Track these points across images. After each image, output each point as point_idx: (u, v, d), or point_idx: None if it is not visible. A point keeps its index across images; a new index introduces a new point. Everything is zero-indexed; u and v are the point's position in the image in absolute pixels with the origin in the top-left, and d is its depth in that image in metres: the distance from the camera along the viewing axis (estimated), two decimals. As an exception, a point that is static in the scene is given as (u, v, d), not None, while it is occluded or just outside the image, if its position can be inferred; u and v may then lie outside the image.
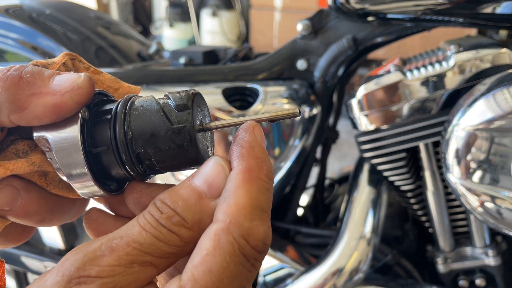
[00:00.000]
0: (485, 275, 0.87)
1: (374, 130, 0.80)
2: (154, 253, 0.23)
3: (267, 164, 0.25)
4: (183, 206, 0.24)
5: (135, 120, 0.27)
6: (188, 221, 0.24)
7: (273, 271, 0.86)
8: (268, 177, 0.25)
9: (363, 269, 0.79)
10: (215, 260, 0.22)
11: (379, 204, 0.84)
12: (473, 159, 0.64)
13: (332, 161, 1.10)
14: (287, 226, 0.98)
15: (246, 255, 0.23)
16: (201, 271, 0.22)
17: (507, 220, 0.65)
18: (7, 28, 1.01)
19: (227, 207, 0.23)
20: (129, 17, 4.15)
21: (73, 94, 0.26)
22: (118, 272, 0.22)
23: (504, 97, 0.62)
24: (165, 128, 0.26)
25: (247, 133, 0.26)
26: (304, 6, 3.11)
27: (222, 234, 0.22)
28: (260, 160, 0.25)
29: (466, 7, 0.70)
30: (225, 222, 0.23)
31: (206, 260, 0.22)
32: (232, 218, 0.23)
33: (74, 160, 0.27)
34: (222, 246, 0.22)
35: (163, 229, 0.24)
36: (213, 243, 0.22)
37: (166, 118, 0.26)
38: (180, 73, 0.87)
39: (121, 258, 0.22)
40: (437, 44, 0.88)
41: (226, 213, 0.23)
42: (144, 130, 0.26)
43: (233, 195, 0.24)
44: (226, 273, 0.22)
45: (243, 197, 0.23)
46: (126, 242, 0.23)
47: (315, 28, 0.84)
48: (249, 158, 0.25)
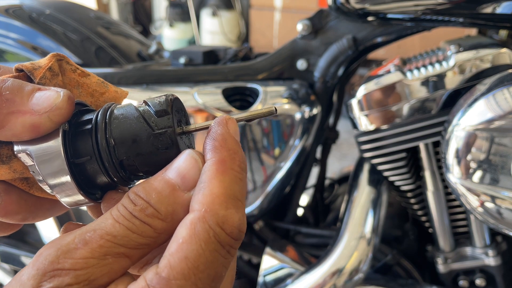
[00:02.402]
0: (485, 275, 0.87)
1: (374, 130, 0.80)
2: (128, 244, 0.24)
3: (239, 155, 0.26)
4: (156, 198, 0.25)
5: (116, 128, 0.27)
6: (162, 212, 0.25)
7: (273, 271, 0.86)
8: (241, 168, 0.26)
9: (363, 269, 0.79)
10: (191, 248, 0.23)
11: (379, 204, 0.84)
12: (473, 159, 0.64)
13: (332, 161, 1.10)
14: (287, 226, 0.98)
15: (221, 242, 0.23)
16: (177, 258, 0.23)
17: (507, 220, 0.65)
18: (7, 28, 1.01)
19: (202, 197, 0.24)
20: (129, 17, 4.15)
21: (52, 114, 0.26)
22: (92, 264, 0.23)
23: (504, 97, 0.62)
24: (147, 134, 0.27)
25: (220, 126, 0.27)
26: (304, 6, 3.11)
27: (198, 223, 0.23)
28: (232, 152, 0.26)
29: (466, 7, 0.70)
30: (201, 211, 0.23)
31: (182, 248, 0.23)
32: (207, 207, 0.24)
33: (57, 171, 0.27)
34: (197, 234, 0.23)
35: (137, 221, 0.24)
36: (189, 231, 0.23)
37: (147, 125, 0.27)
38: (180, 73, 0.87)
39: (94, 250, 0.23)
40: (437, 44, 0.88)
41: (201, 202, 0.24)
42: (126, 137, 0.27)
43: (207, 185, 0.24)
44: (201, 259, 0.23)
45: (217, 186, 0.24)
46: (99, 235, 0.24)
47: (315, 28, 0.84)
48: (222, 150, 0.26)
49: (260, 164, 0.83)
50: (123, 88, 0.84)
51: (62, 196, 0.28)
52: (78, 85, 0.31)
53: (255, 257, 0.96)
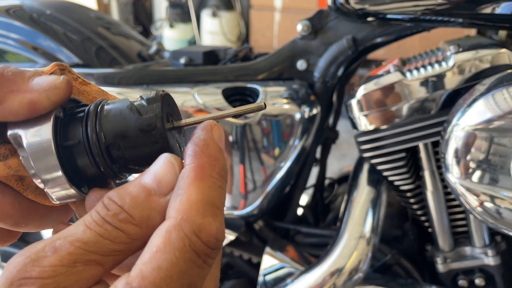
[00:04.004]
0: (484, 274, 0.87)
1: (373, 130, 0.80)
2: (99, 251, 0.23)
3: (220, 162, 0.25)
4: (130, 203, 0.24)
5: (107, 116, 0.27)
6: (136, 217, 0.24)
7: (273, 271, 0.86)
8: (220, 175, 0.25)
9: (363, 268, 0.79)
10: (165, 257, 0.22)
11: (379, 204, 0.84)
12: (473, 159, 0.64)
13: (331, 161, 1.10)
14: (287, 226, 0.98)
15: (197, 251, 0.23)
16: (150, 268, 0.22)
17: (506, 220, 0.66)
18: (7, 29, 1.01)
19: (179, 204, 0.23)
20: (130, 17, 4.15)
21: (50, 93, 0.26)
22: (60, 272, 0.22)
23: (504, 97, 0.62)
24: (134, 119, 0.27)
25: (204, 131, 0.26)
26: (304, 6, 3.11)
27: (173, 231, 0.22)
28: (213, 158, 0.25)
29: (465, 8, 0.70)
30: (177, 219, 0.23)
31: (155, 257, 0.22)
32: (184, 215, 0.23)
33: (45, 154, 0.27)
34: (172, 243, 0.22)
35: (109, 227, 0.23)
36: (163, 239, 0.22)
37: (136, 111, 0.27)
38: (180, 73, 0.87)
39: (63, 258, 0.22)
40: (436, 44, 0.88)
41: (177, 210, 0.23)
42: (114, 123, 0.27)
43: (184, 192, 0.24)
44: (175, 269, 0.22)
45: (194, 193, 0.23)
46: (69, 242, 0.23)
47: (315, 29, 0.85)
48: (202, 156, 0.25)
49: (260, 164, 0.84)
50: (123, 88, 0.85)
51: (49, 186, 0.28)
52: (79, 93, 0.32)
53: (255, 256, 0.97)
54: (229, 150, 0.82)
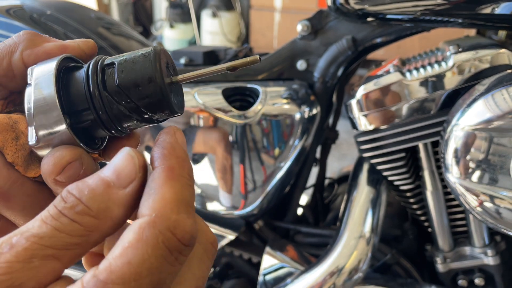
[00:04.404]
0: (484, 274, 0.87)
1: (373, 130, 0.80)
2: (55, 245, 0.23)
3: (188, 164, 0.26)
4: (89, 195, 0.24)
5: (110, 59, 0.29)
6: (93, 209, 0.24)
7: (273, 271, 0.87)
8: (190, 175, 0.26)
9: (363, 268, 0.79)
10: (136, 253, 0.22)
11: (379, 204, 0.84)
12: (472, 159, 0.64)
13: (331, 161, 1.10)
14: (287, 226, 0.98)
15: (170, 248, 0.22)
16: (120, 262, 0.22)
17: (506, 220, 0.66)
18: (7, 29, 1.01)
19: (152, 202, 0.23)
20: (130, 17, 4.15)
21: (80, 43, 0.31)
22: (16, 269, 0.22)
23: (503, 97, 0.62)
24: (132, 56, 0.28)
25: (168, 135, 0.27)
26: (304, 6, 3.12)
27: (147, 228, 0.22)
28: (181, 160, 0.26)
29: (465, 8, 0.70)
30: (151, 216, 0.23)
31: (127, 252, 0.22)
32: (158, 212, 0.23)
33: (48, 89, 0.27)
34: (145, 239, 0.22)
35: (65, 219, 0.23)
36: (136, 236, 0.22)
37: (133, 54, 0.28)
38: (180, 74, 0.87)
39: (19, 254, 0.22)
40: (436, 44, 0.88)
41: (151, 207, 0.23)
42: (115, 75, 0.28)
43: (157, 191, 0.24)
44: (146, 265, 0.22)
45: (168, 192, 0.24)
46: (26, 237, 0.22)
47: (315, 29, 0.85)
48: (171, 158, 0.25)
49: (260, 164, 0.84)
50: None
51: (43, 131, 0.27)
52: None
53: (255, 256, 0.97)
54: (229, 150, 0.82)
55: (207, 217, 0.92)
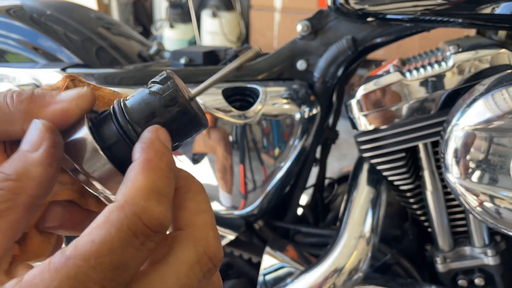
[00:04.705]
0: (484, 274, 0.87)
1: (373, 130, 0.80)
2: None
3: (167, 156, 0.27)
4: (7, 165, 0.26)
5: (132, 107, 0.29)
6: (12, 173, 0.26)
7: (273, 271, 0.87)
8: (168, 167, 0.26)
9: (363, 268, 0.79)
10: (100, 232, 0.23)
11: (379, 204, 0.84)
12: (472, 159, 0.64)
13: (331, 161, 1.10)
14: (287, 226, 0.98)
15: (136, 232, 0.23)
16: (84, 240, 0.23)
17: (506, 220, 0.66)
18: (8, 29, 1.01)
19: (124, 189, 0.25)
20: (130, 17, 4.15)
21: (79, 101, 0.29)
22: None
23: (503, 97, 0.62)
24: (157, 100, 0.29)
25: (149, 132, 0.28)
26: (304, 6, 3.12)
27: (115, 211, 0.23)
28: (160, 153, 0.27)
29: (465, 8, 0.70)
30: (120, 202, 0.24)
31: (92, 232, 0.23)
32: (128, 198, 0.24)
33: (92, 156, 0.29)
34: (111, 221, 0.23)
35: None
36: (103, 218, 0.23)
37: (156, 93, 0.29)
38: (180, 74, 0.87)
39: None
40: (436, 44, 0.89)
41: (122, 194, 0.24)
42: (142, 111, 0.29)
43: (131, 179, 0.25)
44: (106, 245, 0.22)
45: (140, 180, 0.25)
46: None
47: (315, 29, 0.85)
48: (149, 151, 0.26)
49: (260, 164, 0.84)
50: (124, 88, 0.85)
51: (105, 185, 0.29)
52: None
53: (255, 256, 0.97)
54: (229, 150, 0.82)
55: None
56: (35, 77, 0.89)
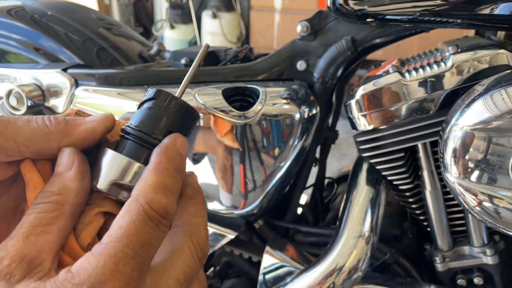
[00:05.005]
0: (483, 273, 0.87)
1: (372, 130, 0.80)
2: (42, 223, 0.31)
3: (177, 161, 0.34)
4: (49, 186, 0.33)
5: (139, 122, 0.35)
6: (55, 190, 0.32)
7: (272, 270, 0.87)
8: (175, 170, 0.33)
9: (362, 267, 0.80)
10: (124, 219, 0.29)
11: (378, 203, 0.85)
12: (471, 159, 0.64)
13: (331, 161, 1.11)
14: (287, 225, 0.98)
15: (149, 216, 0.30)
16: (114, 228, 0.29)
17: (504, 219, 0.66)
18: (9, 29, 1.02)
19: (137, 186, 0.32)
20: (130, 18, 4.15)
21: (104, 120, 0.36)
22: (19, 246, 0.29)
23: (502, 97, 0.62)
24: (160, 108, 0.36)
25: (167, 139, 0.34)
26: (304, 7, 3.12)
27: (132, 202, 0.30)
28: (170, 158, 0.33)
29: (464, 8, 0.71)
30: (134, 196, 0.31)
31: (118, 221, 0.30)
32: (140, 192, 0.31)
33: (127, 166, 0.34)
34: (131, 210, 0.30)
35: (41, 204, 0.32)
36: (125, 209, 0.30)
37: (155, 104, 0.36)
38: (181, 74, 0.88)
39: (18, 236, 0.30)
40: (435, 45, 0.89)
41: (136, 189, 0.31)
42: (150, 121, 0.35)
43: (143, 178, 0.32)
44: (131, 226, 0.29)
45: (150, 178, 0.32)
46: (20, 226, 0.30)
47: (315, 29, 0.85)
48: (161, 155, 0.33)
49: (260, 164, 0.84)
50: (124, 88, 0.85)
51: None
52: None
53: (255, 255, 0.97)
54: (229, 150, 0.82)
55: (207, 217, 0.92)
56: (36, 78, 0.90)
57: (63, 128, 0.35)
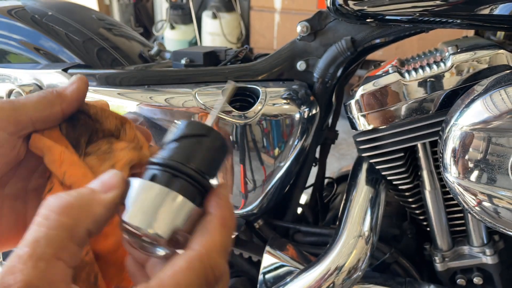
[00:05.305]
0: (482, 273, 0.88)
1: (372, 130, 0.81)
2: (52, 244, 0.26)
3: (234, 216, 0.32)
4: (73, 195, 0.29)
5: (172, 155, 0.32)
6: (76, 203, 0.29)
7: (272, 269, 0.87)
8: (233, 227, 0.32)
9: (362, 267, 0.80)
10: (185, 278, 0.27)
11: (378, 203, 0.85)
12: (471, 159, 0.65)
13: (331, 161, 1.11)
14: (287, 225, 0.98)
15: (208, 280, 0.28)
16: (171, 282, 0.27)
17: (504, 219, 0.66)
18: (9, 29, 1.02)
19: (205, 241, 0.29)
20: (131, 18, 4.16)
21: (79, 81, 0.40)
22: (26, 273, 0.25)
23: (501, 97, 0.62)
24: (195, 140, 0.33)
25: (223, 188, 0.33)
26: (304, 7, 3.13)
27: (197, 260, 0.28)
28: (231, 212, 0.32)
29: (463, 9, 0.71)
30: (201, 252, 0.29)
31: (176, 275, 0.27)
32: (208, 251, 0.29)
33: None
34: (194, 269, 0.28)
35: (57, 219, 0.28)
36: (187, 264, 0.28)
37: (189, 136, 0.33)
38: (181, 74, 0.88)
39: (23, 258, 0.25)
40: (435, 45, 0.89)
41: (203, 245, 0.29)
42: (189, 155, 0.32)
43: (211, 233, 0.30)
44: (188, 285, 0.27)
45: (218, 236, 0.30)
46: (23, 244, 0.26)
47: (314, 30, 0.85)
48: (225, 209, 0.31)
49: (260, 163, 0.84)
50: (125, 88, 0.85)
51: None
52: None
53: (255, 255, 0.97)
54: (230, 150, 0.82)
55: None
56: (37, 78, 0.90)
57: (58, 95, 0.38)
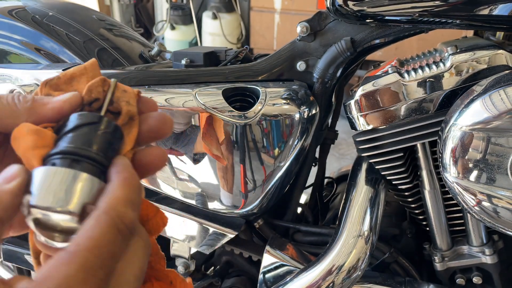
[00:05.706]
0: (482, 273, 0.88)
1: (371, 130, 0.81)
2: None
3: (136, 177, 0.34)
4: None
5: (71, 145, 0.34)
6: None
7: (272, 269, 0.87)
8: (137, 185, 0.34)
9: (361, 267, 0.80)
10: (96, 230, 0.29)
11: (377, 203, 0.85)
12: (470, 159, 0.65)
13: (330, 160, 1.11)
14: (287, 225, 0.99)
15: (120, 230, 0.30)
16: (84, 237, 0.29)
17: (503, 219, 0.67)
18: (10, 30, 1.02)
19: (107, 199, 0.31)
20: (131, 19, 4.16)
21: (71, 99, 0.37)
22: None
23: (501, 97, 0.63)
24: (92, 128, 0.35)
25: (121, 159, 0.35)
26: (304, 8, 3.13)
27: (102, 215, 0.30)
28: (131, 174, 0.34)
29: (463, 9, 0.71)
30: (105, 207, 0.31)
31: (87, 232, 0.29)
32: (111, 205, 0.31)
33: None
34: (102, 221, 0.30)
35: None
36: (94, 220, 0.30)
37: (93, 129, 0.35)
38: (181, 74, 0.88)
39: None
40: (434, 45, 0.89)
41: (105, 202, 0.31)
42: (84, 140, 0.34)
43: (111, 191, 0.32)
44: (103, 238, 0.29)
45: (119, 191, 0.32)
46: None
47: (314, 30, 0.86)
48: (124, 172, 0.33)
49: (260, 163, 0.85)
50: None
51: None
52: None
53: (255, 255, 0.97)
54: (229, 150, 0.83)
55: (208, 216, 0.93)
56: (38, 78, 0.90)
57: (30, 106, 0.35)
